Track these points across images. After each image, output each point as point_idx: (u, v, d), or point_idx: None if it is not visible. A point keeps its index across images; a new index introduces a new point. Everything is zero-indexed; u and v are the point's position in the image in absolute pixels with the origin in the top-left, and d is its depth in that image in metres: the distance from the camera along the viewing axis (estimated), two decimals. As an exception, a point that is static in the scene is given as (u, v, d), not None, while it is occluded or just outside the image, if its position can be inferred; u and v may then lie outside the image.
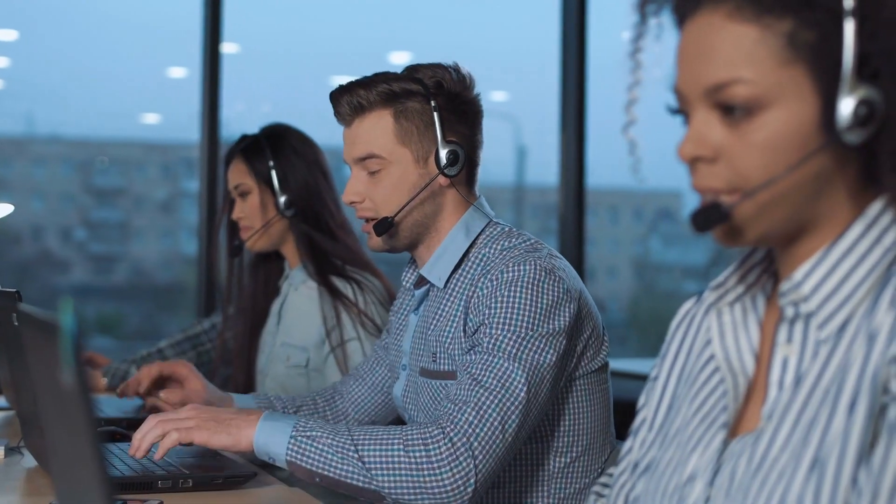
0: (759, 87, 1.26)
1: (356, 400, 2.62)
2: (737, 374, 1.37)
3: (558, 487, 2.26)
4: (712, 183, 1.30)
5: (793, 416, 1.28)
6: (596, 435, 2.29)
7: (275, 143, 3.20)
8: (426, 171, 2.32)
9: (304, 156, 3.18)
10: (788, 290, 1.31)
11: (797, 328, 1.32)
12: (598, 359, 2.28)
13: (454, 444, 2.03)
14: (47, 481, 2.18)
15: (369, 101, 2.30)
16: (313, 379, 3.08)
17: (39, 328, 1.27)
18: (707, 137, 1.29)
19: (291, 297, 3.20)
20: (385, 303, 3.07)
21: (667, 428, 1.45)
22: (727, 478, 1.31)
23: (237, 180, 3.23)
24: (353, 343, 3.02)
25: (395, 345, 2.50)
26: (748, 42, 1.27)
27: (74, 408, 1.16)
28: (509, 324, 2.14)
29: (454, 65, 2.34)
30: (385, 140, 2.31)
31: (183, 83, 6.48)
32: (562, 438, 2.26)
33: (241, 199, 3.23)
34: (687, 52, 1.31)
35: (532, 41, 6.50)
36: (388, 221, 2.31)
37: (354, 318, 3.02)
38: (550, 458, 2.26)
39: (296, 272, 3.20)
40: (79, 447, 1.19)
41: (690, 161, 1.31)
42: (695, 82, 1.30)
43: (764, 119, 1.27)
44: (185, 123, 6.81)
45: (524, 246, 2.25)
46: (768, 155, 1.27)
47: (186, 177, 7.62)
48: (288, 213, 3.16)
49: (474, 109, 2.36)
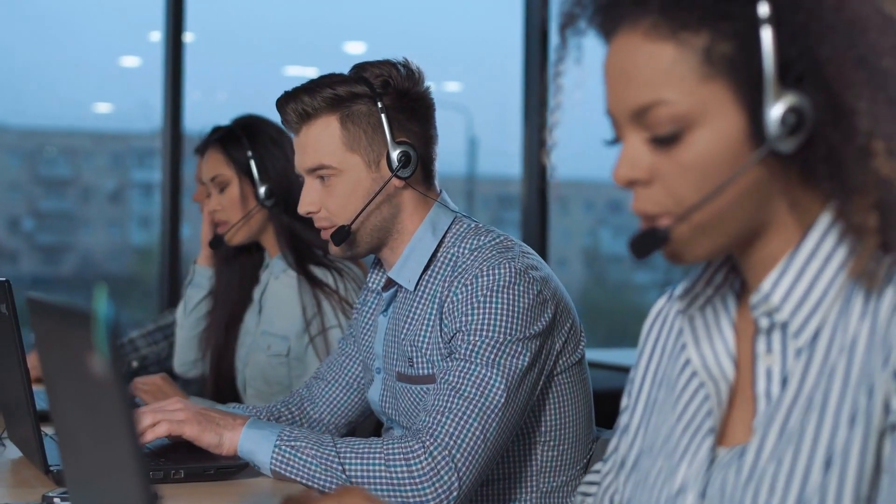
0: (681, 106, 1.23)
1: (331, 402, 2.56)
2: (717, 379, 1.35)
3: (546, 480, 2.26)
4: (646, 207, 1.27)
5: (777, 425, 1.26)
6: (580, 426, 2.29)
7: (251, 132, 3.16)
8: (379, 175, 2.27)
9: (282, 145, 3.15)
10: (758, 301, 1.29)
11: (775, 337, 1.30)
12: (577, 352, 2.27)
13: (434, 458, 2.03)
14: (34, 472, 2.16)
15: (314, 108, 2.25)
16: (294, 368, 3.06)
17: (63, 316, 1.25)
18: (639, 160, 1.26)
19: (272, 286, 3.18)
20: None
21: (652, 435, 1.43)
22: (717, 491, 1.30)
23: (214, 171, 3.19)
24: (334, 331, 3.00)
25: (366, 346, 2.46)
26: (666, 61, 1.24)
27: (108, 399, 1.14)
28: (486, 330, 2.12)
29: (403, 60, 2.29)
30: (333, 148, 2.26)
31: (135, 73, 6.43)
32: (548, 433, 2.25)
33: (219, 190, 3.19)
34: (610, 74, 1.29)
35: (487, 32, 6.50)
36: (346, 230, 2.27)
37: (335, 306, 3.01)
38: (538, 453, 2.25)
39: (276, 261, 3.18)
40: (111, 441, 1.17)
41: (626, 184, 1.28)
42: (621, 104, 1.28)
43: (691, 139, 1.24)
44: (136, 113, 6.76)
45: (495, 244, 2.21)
46: (699, 175, 1.24)
47: (136, 167, 7.57)
48: (268, 203, 3.13)
49: (425, 104, 2.31)
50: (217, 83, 5.55)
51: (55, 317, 1.31)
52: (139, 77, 6.47)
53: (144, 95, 6.62)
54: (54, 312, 1.31)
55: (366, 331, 2.47)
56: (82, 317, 1.15)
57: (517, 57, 5.36)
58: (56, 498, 1.94)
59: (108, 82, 6.48)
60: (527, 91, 5.26)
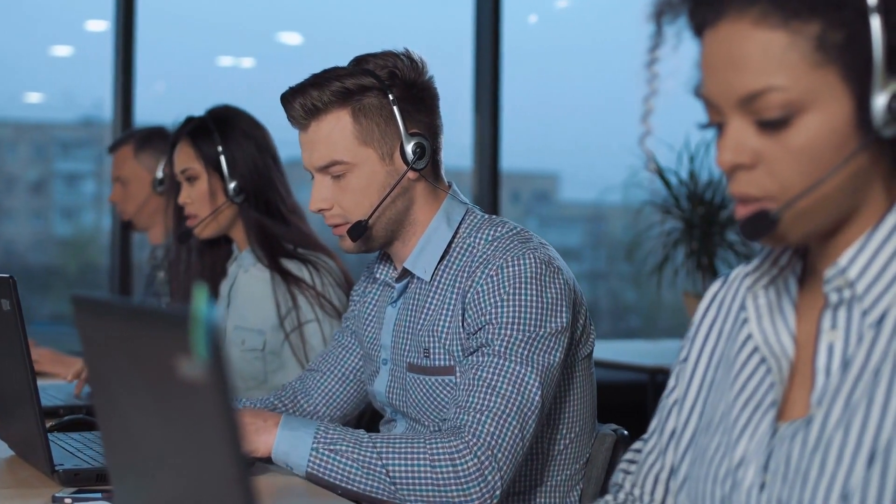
0: (792, 92, 1.27)
1: (328, 394, 2.53)
2: (778, 357, 1.39)
3: (551, 475, 2.26)
4: (751, 190, 1.31)
5: (843, 397, 1.30)
6: (586, 420, 2.30)
7: (223, 126, 3.11)
8: (393, 168, 2.25)
9: (254, 139, 3.11)
10: (833, 275, 1.33)
11: (841, 314, 1.34)
12: (587, 345, 2.28)
13: (479, 459, 2.03)
14: (32, 472, 2.12)
15: (324, 102, 2.22)
16: (270, 362, 3.03)
17: (145, 317, 1.22)
18: (744, 144, 1.30)
19: (241, 280, 3.14)
20: (341, 284, 3.03)
21: (710, 413, 1.46)
22: (782, 462, 1.32)
23: (184, 164, 3.15)
24: (311, 325, 2.98)
25: (370, 337, 2.43)
26: (778, 48, 1.27)
27: (202, 402, 1.12)
28: (518, 323, 2.11)
29: (404, 51, 2.27)
30: (346, 143, 2.23)
31: (66, 62, 6.33)
32: (557, 425, 2.26)
33: (189, 183, 3.15)
34: (714, 61, 1.32)
35: (436, 23, 6.48)
36: (363, 225, 2.25)
37: (312, 300, 2.98)
38: (546, 445, 2.26)
39: (245, 254, 3.14)
40: (200, 445, 1.15)
41: (729, 169, 1.32)
42: (727, 92, 1.31)
43: (800, 124, 1.28)
44: (60, 104, 6.65)
45: (513, 235, 2.22)
46: (808, 160, 1.28)
47: (60, 157, 7.46)
48: (237, 199, 3.09)
49: (431, 94, 2.29)
50: (152, 74, 5.47)
51: (132, 317, 1.27)
52: (70, 67, 6.37)
53: (68, 86, 6.54)
54: (123, 313, 1.28)
55: (369, 322, 2.44)
56: (170, 318, 1.12)
57: (468, 49, 5.36)
58: (67, 498, 1.91)
59: (35, 72, 6.37)
60: (478, 83, 5.26)
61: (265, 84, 6.09)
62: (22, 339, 2.02)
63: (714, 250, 5.22)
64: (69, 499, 1.91)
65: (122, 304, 1.30)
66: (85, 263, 7.10)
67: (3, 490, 2.03)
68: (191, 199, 3.14)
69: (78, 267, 7.12)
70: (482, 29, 5.27)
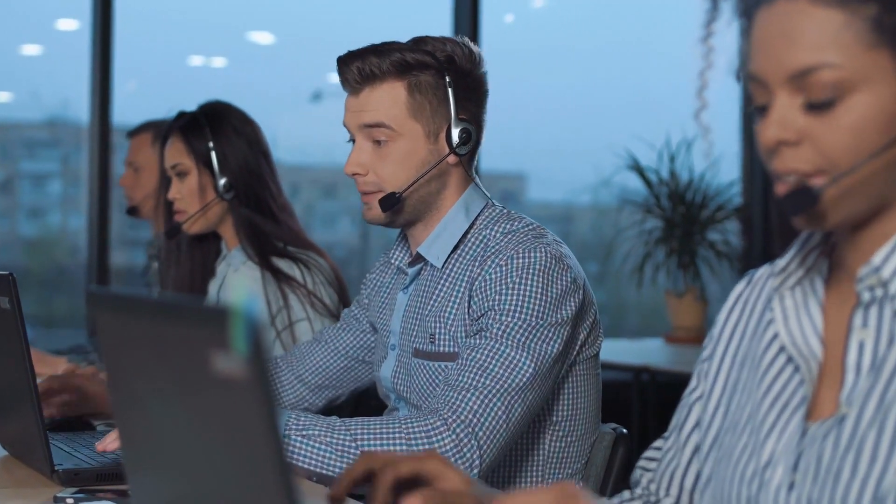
0: (845, 71, 1.28)
1: (318, 363, 2.55)
2: (807, 357, 1.38)
3: (551, 472, 2.26)
4: (798, 165, 1.31)
5: (876, 396, 1.29)
6: (589, 420, 2.29)
7: (214, 121, 3.09)
8: (436, 148, 2.26)
9: (245, 135, 3.09)
10: (867, 274, 1.33)
11: (872, 312, 1.33)
12: (595, 345, 2.28)
13: (457, 434, 2.02)
14: (28, 472, 2.09)
15: (381, 71, 2.23)
16: (260, 360, 3.02)
17: (175, 312, 1.20)
18: (791, 121, 1.30)
19: (231, 279, 3.12)
20: (332, 283, 3.02)
21: (736, 413, 1.46)
22: (813, 462, 1.32)
23: (175, 160, 3.13)
24: (302, 324, 2.97)
25: (382, 323, 2.43)
26: (834, 27, 1.28)
27: (240, 399, 1.10)
28: (519, 311, 2.12)
29: (463, 40, 2.29)
30: (397, 112, 2.24)
31: (32, 61, 6.28)
32: (558, 423, 2.25)
33: (178, 179, 3.13)
34: (768, 37, 1.32)
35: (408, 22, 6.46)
36: (397, 197, 2.25)
37: (303, 299, 2.97)
38: (546, 442, 2.25)
39: (234, 253, 3.12)
40: (239, 449, 1.13)
41: (774, 145, 1.32)
42: (778, 67, 1.31)
43: (850, 103, 1.28)
44: (27, 103, 6.60)
45: (528, 230, 2.22)
46: (856, 138, 1.28)
47: (25, 158, 7.40)
48: (227, 196, 3.07)
49: (483, 89, 2.31)
50: (124, 73, 5.44)
51: (147, 313, 1.26)
52: (38, 66, 6.32)
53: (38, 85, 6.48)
54: (149, 308, 1.26)
55: (382, 309, 2.44)
56: (205, 313, 1.11)
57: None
58: (69, 498, 1.89)
59: (6, 71, 6.32)
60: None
61: (237, 83, 6.07)
62: (22, 338, 2.00)
63: (695, 249, 5.25)
64: (71, 499, 1.88)
65: (148, 299, 1.28)
66: (52, 264, 7.04)
67: (3, 490, 2.00)
68: (180, 194, 3.12)
69: (44, 267, 7.07)
70: (460, 29, 5.27)
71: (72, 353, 3.38)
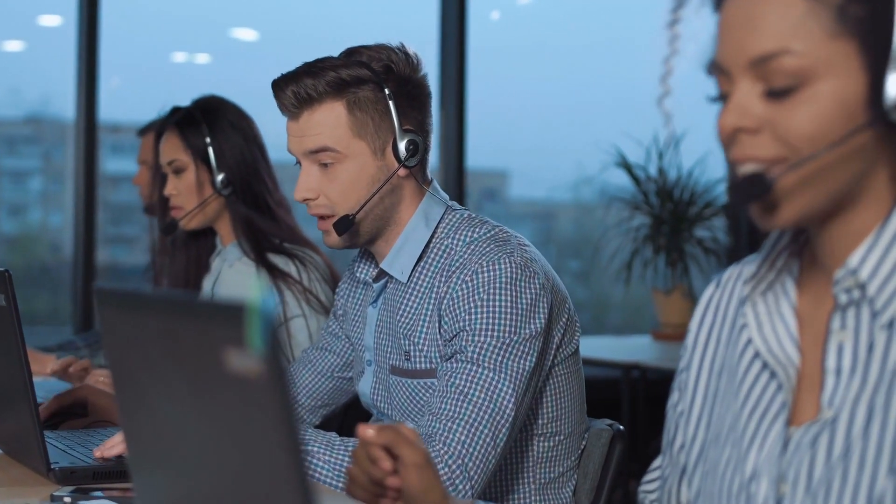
0: (807, 59, 1.25)
1: (308, 387, 2.52)
2: (784, 364, 1.35)
3: (542, 472, 2.24)
4: (757, 152, 1.28)
5: (865, 401, 1.27)
6: (575, 416, 2.27)
7: (210, 116, 3.08)
8: (384, 164, 2.20)
9: (242, 130, 3.08)
10: (843, 276, 1.29)
11: (850, 314, 1.30)
12: (572, 343, 2.25)
13: (450, 468, 1.99)
14: (23, 471, 2.08)
15: (318, 92, 2.16)
16: (255, 357, 3.00)
17: (187, 309, 1.19)
18: (750, 108, 1.28)
19: (226, 275, 3.11)
20: (328, 280, 3.01)
21: (717, 424, 1.42)
22: (805, 473, 1.29)
23: (171, 156, 3.11)
24: (297, 320, 2.96)
25: (356, 338, 2.40)
26: (797, 13, 1.26)
27: (255, 395, 1.09)
28: (491, 330, 2.08)
29: (400, 45, 2.22)
30: (340, 133, 2.18)
31: (13, 57, 6.24)
32: (545, 425, 2.23)
33: (175, 175, 3.11)
34: (731, 22, 1.30)
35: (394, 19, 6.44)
36: (350, 219, 2.20)
37: (298, 296, 2.96)
38: (535, 444, 2.23)
39: (230, 248, 3.11)
40: (253, 446, 1.12)
41: (731, 132, 1.29)
42: (739, 53, 1.28)
43: (812, 91, 1.25)
44: (7, 99, 6.56)
45: (490, 237, 2.17)
46: (816, 126, 1.25)
47: (6, 154, 7.37)
48: (225, 191, 3.06)
49: (425, 92, 2.25)
50: (108, 69, 5.42)
51: (157, 309, 1.24)
52: (19, 62, 6.28)
53: (19, 81, 6.45)
54: (160, 304, 1.25)
55: (355, 322, 2.41)
56: (219, 309, 1.09)
57: (433, 45, 5.33)
58: (67, 497, 1.87)
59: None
60: (443, 80, 5.24)
61: (220, 80, 6.04)
62: (18, 336, 1.98)
63: (683, 246, 5.25)
64: (68, 497, 1.87)
65: (159, 296, 1.26)
66: (33, 261, 7.01)
67: (-2, 489, 1.99)
68: (177, 190, 3.10)
69: (25, 264, 7.03)
70: (447, 25, 5.25)
71: (61, 349, 3.36)
